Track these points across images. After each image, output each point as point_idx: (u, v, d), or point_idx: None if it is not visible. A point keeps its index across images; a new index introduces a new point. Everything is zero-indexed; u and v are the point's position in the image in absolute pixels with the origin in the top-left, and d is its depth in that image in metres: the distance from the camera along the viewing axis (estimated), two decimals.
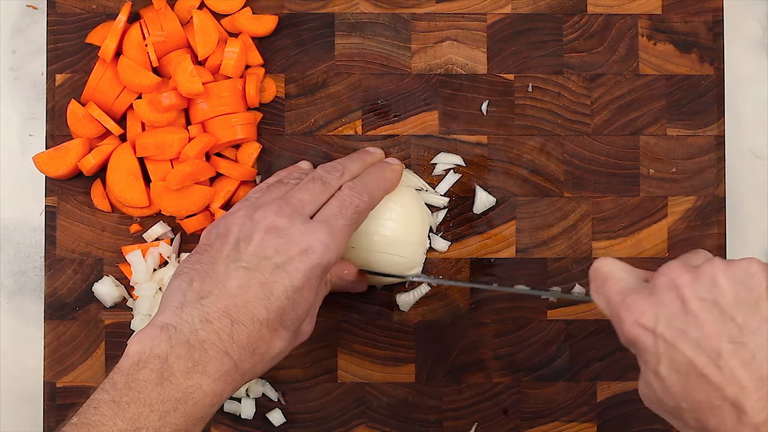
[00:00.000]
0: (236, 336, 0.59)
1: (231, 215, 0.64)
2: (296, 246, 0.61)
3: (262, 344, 0.60)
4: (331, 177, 0.66)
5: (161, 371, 0.57)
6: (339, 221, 0.63)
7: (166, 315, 0.60)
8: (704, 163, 0.75)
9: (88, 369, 0.73)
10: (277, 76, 0.75)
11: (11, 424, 0.76)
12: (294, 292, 0.61)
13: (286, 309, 0.61)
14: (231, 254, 0.62)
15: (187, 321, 0.59)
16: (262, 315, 0.60)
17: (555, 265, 0.74)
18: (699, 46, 0.75)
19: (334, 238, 0.62)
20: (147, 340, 0.58)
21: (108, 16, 0.74)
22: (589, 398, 0.74)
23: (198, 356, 0.58)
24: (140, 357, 0.58)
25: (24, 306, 0.76)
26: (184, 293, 0.60)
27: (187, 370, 0.57)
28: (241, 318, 0.59)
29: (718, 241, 0.75)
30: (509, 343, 0.74)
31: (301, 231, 0.62)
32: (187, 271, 0.62)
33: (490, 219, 0.75)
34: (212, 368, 0.58)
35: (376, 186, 0.67)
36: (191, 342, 0.58)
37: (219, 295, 0.60)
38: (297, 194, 0.64)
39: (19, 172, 0.77)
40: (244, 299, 0.60)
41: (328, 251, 0.62)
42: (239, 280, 0.60)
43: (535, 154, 0.75)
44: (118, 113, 0.73)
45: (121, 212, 0.74)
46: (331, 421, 0.74)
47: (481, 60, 0.75)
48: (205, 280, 0.61)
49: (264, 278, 0.60)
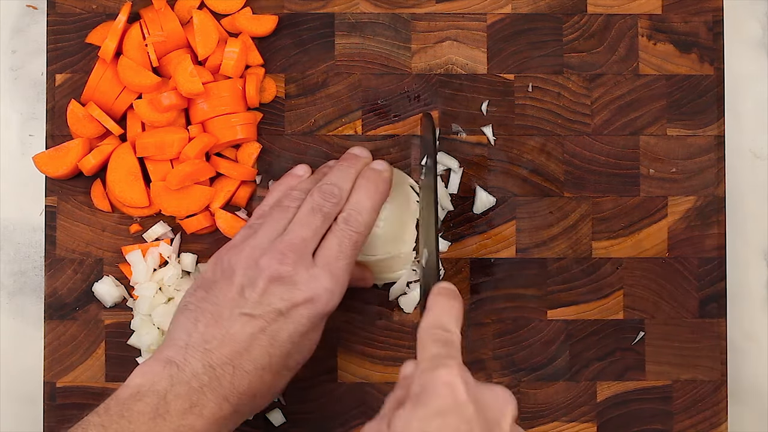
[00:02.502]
0: (237, 383, 0.60)
1: (235, 252, 0.64)
2: (301, 294, 0.62)
3: (264, 388, 0.61)
4: (329, 205, 0.65)
5: (157, 407, 0.58)
6: (339, 262, 0.64)
7: (171, 351, 0.60)
8: (704, 163, 0.75)
9: (88, 369, 0.73)
10: (277, 76, 0.75)
11: (11, 424, 0.76)
12: (299, 337, 0.62)
13: (290, 353, 0.62)
14: (235, 299, 0.62)
15: (190, 363, 0.60)
16: (265, 361, 0.61)
17: (555, 265, 0.74)
18: (699, 46, 0.75)
19: (338, 283, 0.63)
20: (149, 375, 0.59)
21: (108, 16, 0.74)
22: (589, 398, 0.74)
23: (197, 399, 0.59)
24: (139, 389, 0.59)
25: (24, 306, 0.76)
26: (189, 333, 0.61)
27: (183, 410, 0.58)
28: (244, 365, 0.60)
29: (718, 241, 0.75)
30: (509, 343, 0.74)
31: (305, 279, 0.62)
32: (192, 309, 0.62)
33: (490, 219, 0.75)
34: (209, 412, 0.59)
35: (369, 206, 0.67)
36: (192, 384, 0.59)
37: (223, 342, 0.60)
38: (299, 232, 0.64)
39: (19, 172, 0.77)
40: (247, 346, 0.60)
41: (332, 298, 0.63)
42: (242, 326, 0.61)
43: (535, 154, 0.75)
44: (118, 113, 0.73)
45: (121, 212, 0.74)
46: (331, 421, 0.74)
47: (481, 60, 0.75)
48: (210, 324, 0.61)
49: (268, 326, 0.61)
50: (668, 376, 0.74)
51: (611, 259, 0.75)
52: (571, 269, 0.74)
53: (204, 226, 0.73)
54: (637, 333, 0.74)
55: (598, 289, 0.74)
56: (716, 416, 0.74)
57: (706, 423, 0.74)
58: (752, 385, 0.78)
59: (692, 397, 0.74)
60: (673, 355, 0.74)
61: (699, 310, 0.74)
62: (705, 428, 0.74)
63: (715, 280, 0.75)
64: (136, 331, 0.72)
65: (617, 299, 0.74)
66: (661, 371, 0.74)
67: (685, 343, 0.74)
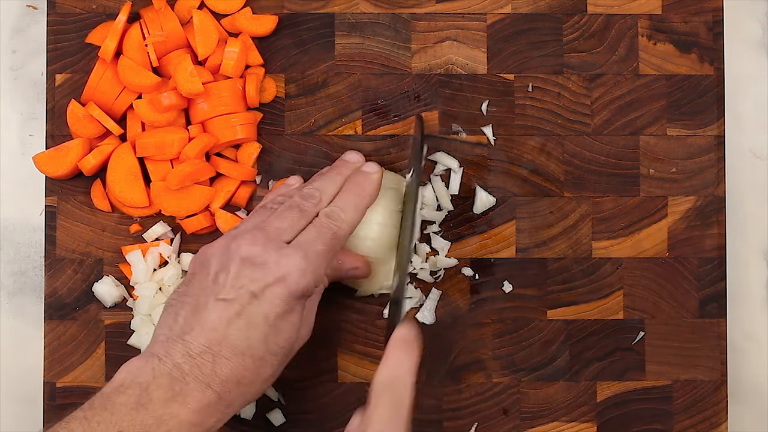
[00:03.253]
0: (218, 369, 0.60)
1: (211, 246, 0.65)
2: (272, 274, 0.62)
3: (248, 374, 0.61)
4: (308, 204, 0.66)
5: (139, 397, 0.58)
6: (316, 246, 0.64)
7: (154, 347, 0.61)
8: (704, 163, 0.75)
9: (88, 369, 0.73)
10: (277, 76, 0.75)
11: (11, 424, 0.76)
12: (275, 319, 0.61)
13: (268, 336, 0.61)
14: (211, 287, 0.62)
15: (171, 355, 0.60)
16: (243, 345, 0.61)
17: (555, 265, 0.74)
18: (699, 46, 0.75)
19: (310, 263, 0.63)
20: (133, 370, 0.60)
21: (108, 16, 0.74)
22: (589, 398, 0.74)
23: (179, 388, 0.59)
24: (122, 383, 0.59)
25: (24, 306, 0.76)
26: (170, 327, 0.62)
27: (166, 399, 0.58)
28: (223, 351, 0.60)
29: (718, 241, 0.75)
30: (509, 343, 0.74)
31: (275, 258, 0.62)
32: (174, 304, 0.63)
33: (490, 219, 0.75)
34: (192, 399, 0.59)
35: (353, 206, 0.67)
36: (174, 374, 0.59)
37: (200, 330, 0.61)
38: (274, 222, 0.64)
39: (19, 172, 0.77)
40: (224, 332, 0.61)
41: (303, 276, 0.62)
42: (218, 312, 0.61)
43: (535, 154, 0.75)
44: (118, 113, 0.73)
45: (121, 212, 0.74)
46: (331, 421, 0.74)
47: (481, 60, 0.75)
48: (189, 315, 0.62)
49: (242, 309, 0.61)
50: (668, 376, 0.74)
51: (611, 259, 0.75)
52: (571, 269, 0.74)
53: (204, 226, 0.73)
54: (637, 333, 0.74)
55: (598, 289, 0.74)
56: (716, 416, 0.74)
57: (706, 423, 0.74)
58: (752, 385, 0.78)
59: (692, 397, 0.74)
60: (673, 355, 0.74)
61: (699, 310, 0.74)
62: (705, 428, 0.74)
63: (715, 280, 0.75)
64: (136, 331, 0.72)
65: (617, 299, 0.74)
66: (661, 371, 0.74)
67: (685, 343, 0.74)
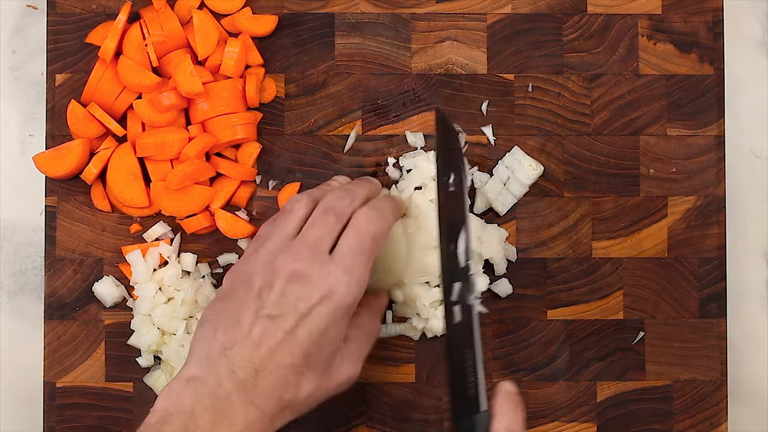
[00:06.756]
0: (261, 385, 0.59)
1: (251, 261, 0.63)
2: (317, 291, 0.61)
3: (289, 389, 0.61)
4: (342, 205, 0.64)
5: (186, 424, 0.57)
6: (357, 256, 0.62)
7: (192, 367, 0.60)
8: (704, 163, 0.75)
9: (88, 369, 0.73)
10: (277, 76, 0.75)
11: (11, 424, 0.76)
12: (318, 335, 0.61)
13: (311, 352, 0.61)
14: (254, 303, 0.62)
15: (212, 373, 0.59)
16: (286, 361, 0.60)
17: (555, 265, 0.74)
18: (699, 46, 0.75)
19: (354, 277, 0.62)
20: (174, 395, 0.59)
21: (108, 16, 0.74)
22: (589, 398, 0.74)
23: (224, 408, 0.58)
24: (166, 412, 0.58)
25: (24, 306, 0.76)
26: (209, 344, 0.61)
27: (213, 422, 0.58)
28: (266, 366, 0.60)
29: (718, 241, 0.75)
30: (509, 343, 0.74)
31: (320, 275, 0.61)
32: (211, 320, 0.62)
33: (490, 219, 0.75)
34: (238, 419, 0.58)
35: (390, 210, 0.66)
36: (217, 394, 0.59)
37: (243, 345, 0.60)
38: (312, 231, 0.63)
39: (19, 172, 0.77)
40: (268, 348, 0.60)
41: (349, 292, 0.62)
42: (263, 328, 0.60)
43: (535, 154, 0.75)
44: (118, 113, 0.73)
45: (121, 212, 0.74)
46: (331, 421, 0.74)
47: (481, 60, 0.75)
48: (229, 330, 0.61)
49: (288, 325, 0.61)
50: (668, 376, 0.74)
51: (611, 259, 0.75)
52: (571, 269, 0.74)
53: (204, 226, 0.73)
54: (637, 333, 0.74)
55: (598, 289, 0.74)
56: (716, 416, 0.74)
57: (706, 423, 0.74)
58: (752, 385, 0.78)
59: (692, 397, 0.74)
60: (673, 355, 0.74)
61: (699, 310, 0.74)
62: (705, 428, 0.74)
63: (715, 280, 0.75)
64: (136, 331, 0.72)
65: (617, 299, 0.74)
66: (661, 371, 0.74)
67: (685, 343, 0.74)
